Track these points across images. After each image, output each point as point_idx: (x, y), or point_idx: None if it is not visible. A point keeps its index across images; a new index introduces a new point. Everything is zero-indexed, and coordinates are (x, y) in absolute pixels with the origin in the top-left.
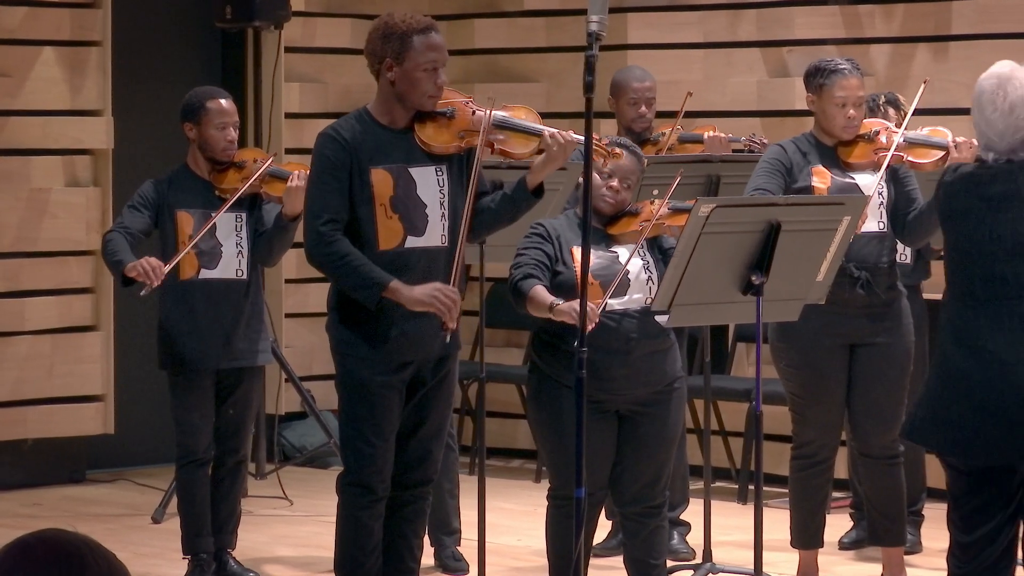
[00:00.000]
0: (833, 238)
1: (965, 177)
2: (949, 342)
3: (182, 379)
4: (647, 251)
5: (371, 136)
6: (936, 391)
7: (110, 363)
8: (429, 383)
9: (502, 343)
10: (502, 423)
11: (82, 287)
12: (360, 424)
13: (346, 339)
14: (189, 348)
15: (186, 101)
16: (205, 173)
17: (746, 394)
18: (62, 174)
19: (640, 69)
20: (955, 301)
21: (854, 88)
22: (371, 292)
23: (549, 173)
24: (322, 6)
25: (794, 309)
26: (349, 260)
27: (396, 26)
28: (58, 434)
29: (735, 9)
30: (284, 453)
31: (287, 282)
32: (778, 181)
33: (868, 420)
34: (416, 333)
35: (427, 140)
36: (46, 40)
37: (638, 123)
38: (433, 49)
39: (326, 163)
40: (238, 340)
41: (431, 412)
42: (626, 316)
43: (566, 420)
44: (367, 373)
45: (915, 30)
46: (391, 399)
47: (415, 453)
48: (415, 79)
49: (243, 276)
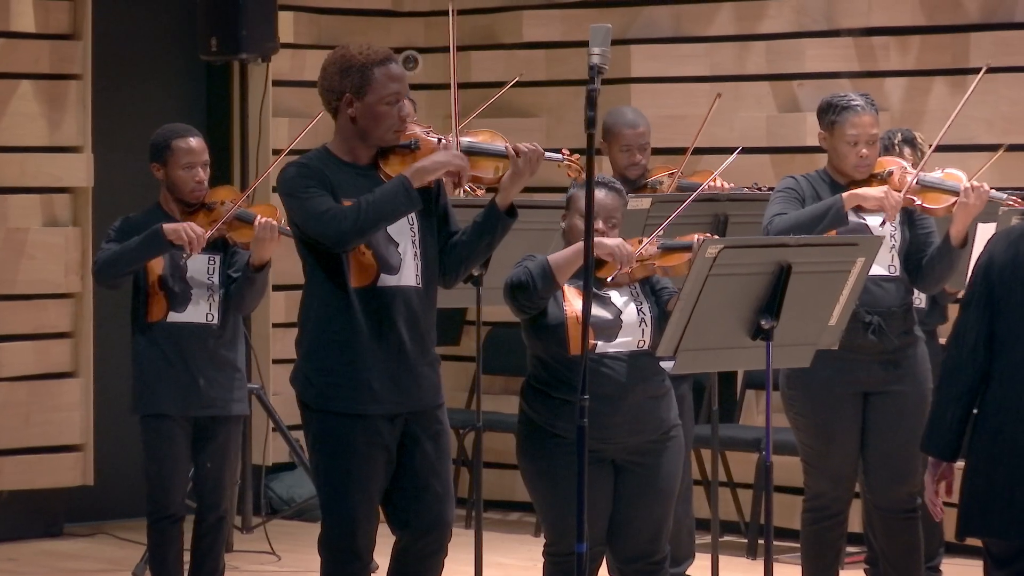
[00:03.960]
0: (846, 280)
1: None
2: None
3: (153, 426)
4: (639, 292)
5: (335, 174)
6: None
7: (89, 411)
8: (423, 438)
9: (499, 390)
10: (500, 474)
11: (60, 331)
12: (341, 484)
13: (323, 392)
14: (159, 393)
15: (152, 140)
16: (177, 214)
17: (756, 444)
18: (40, 213)
19: (633, 111)
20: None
21: (867, 126)
22: (405, 194)
23: (519, 189)
24: (311, 38)
25: (806, 355)
26: (365, 200)
27: (354, 59)
28: (34, 486)
29: (743, 41)
30: (271, 506)
31: (275, 326)
32: (796, 208)
33: (883, 472)
34: (401, 380)
35: (393, 174)
36: (23, 73)
37: (632, 170)
38: (395, 80)
39: (304, 179)
40: (209, 387)
41: (432, 475)
42: (618, 360)
43: (560, 471)
44: (349, 428)
45: (931, 63)
46: (376, 457)
47: (424, 521)
48: (378, 113)
49: (214, 320)
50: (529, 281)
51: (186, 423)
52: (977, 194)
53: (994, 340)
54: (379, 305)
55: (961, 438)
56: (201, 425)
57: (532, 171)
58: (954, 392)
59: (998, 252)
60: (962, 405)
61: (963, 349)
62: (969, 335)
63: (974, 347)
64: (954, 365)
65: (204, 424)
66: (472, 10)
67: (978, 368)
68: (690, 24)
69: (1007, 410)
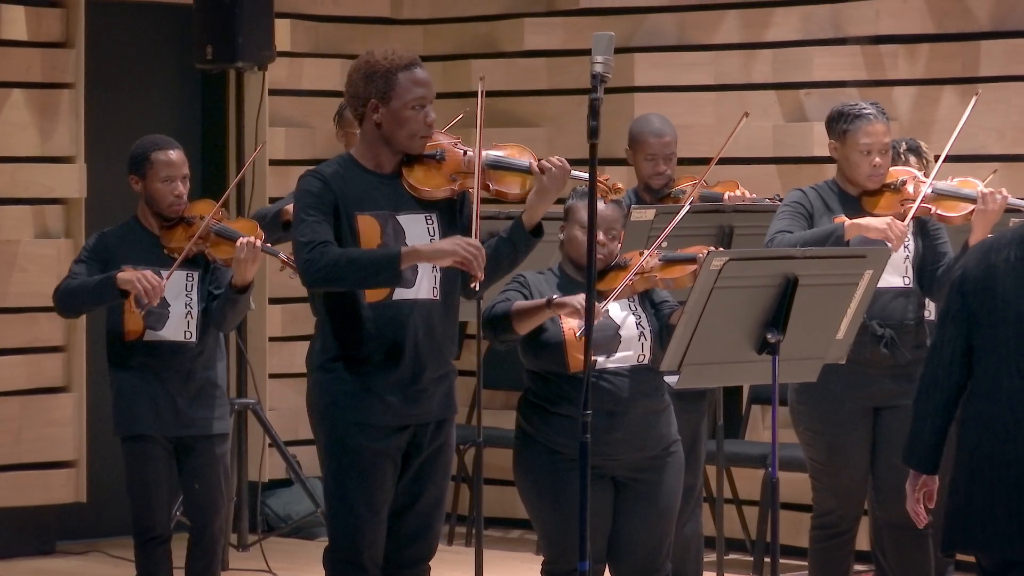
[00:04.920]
0: (854, 293)
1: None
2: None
3: (133, 448)
4: (638, 305)
5: (356, 182)
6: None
7: (82, 426)
8: (426, 450)
9: (501, 405)
10: (501, 491)
11: (52, 345)
12: (349, 495)
13: (335, 401)
14: (138, 414)
15: (132, 152)
16: (155, 228)
17: (762, 460)
18: (31, 225)
19: (660, 119)
20: (1002, 377)
21: (880, 134)
22: (389, 271)
23: (546, 207)
24: (309, 46)
25: (813, 369)
26: (348, 255)
27: (379, 64)
28: (26, 503)
29: (749, 49)
30: (268, 523)
31: (271, 340)
32: (802, 224)
33: (894, 488)
34: (414, 393)
35: (416, 184)
36: (14, 82)
37: (656, 180)
38: (420, 85)
39: (310, 198)
40: (188, 406)
41: (429, 483)
42: (618, 375)
43: (559, 488)
44: (360, 439)
45: (941, 71)
46: (384, 468)
47: (412, 528)
48: (403, 118)
49: (192, 339)
50: (493, 323)
51: (167, 442)
52: (995, 200)
53: (972, 354)
54: (394, 319)
55: (940, 451)
56: (183, 445)
57: (559, 188)
58: (931, 406)
59: (971, 266)
60: (940, 419)
61: (940, 363)
62: (946, 349)
63: (950, 361)
64: (931, 379)
65: (186, 443)
66: (472, 17)
67: (954, 382)
68: (695, 32)
69: (985, 424)
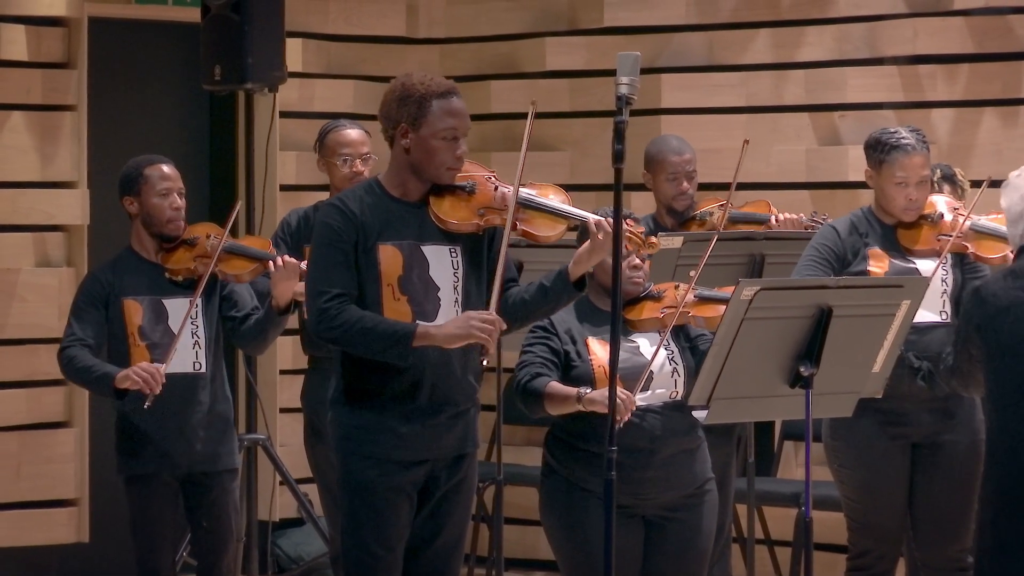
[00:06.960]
0: (891, 324)
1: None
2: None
3: (138, 487)
4: (671, 340)
5: (381, 209)
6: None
7: (84, 463)
8: (444, 486)
9: (521, 441)
10: (522, 531)
11: (53, 379)
12: (363, 532)
13: (348, 435)
14: (143, 452)
15: (122, 174)
16: (152, 254)
17: (795, 498)
18: (32, 253)
19: (677, 139)
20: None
21: (918, 167)
22: (400, 347)
23: (595, 264)
24: (321, 67)
25: (848, 404)
26: (362, 323)
27: (414, 88)
28: (26, 543)
29: (781, 69)
30: (279, 564)
31: (282, 373)
32: (827, 273)
33: (933, 528)
34: (431, 427)
35: (443, 216)
36: (14, 104)
37: (679, 201)
38: (453, 115)
39: (330, 234)
40: (198, 441)
41: (448, 520)
42: (650, 412)
43: (588, 528)
44: (373, 474)
45: (981, 93)
46: (400, 504)
47: (429, 567)
48: (432, 148)
49: (201, 369)
50: (526, 400)
51: (173, 480)
52: None
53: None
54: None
55: None
56: (192, 482)
57: (609, 248)
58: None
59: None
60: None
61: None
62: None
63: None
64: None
65: (196, 480)
66: (491, 37)
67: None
68: (724, 51)
69: (1010, 472)
